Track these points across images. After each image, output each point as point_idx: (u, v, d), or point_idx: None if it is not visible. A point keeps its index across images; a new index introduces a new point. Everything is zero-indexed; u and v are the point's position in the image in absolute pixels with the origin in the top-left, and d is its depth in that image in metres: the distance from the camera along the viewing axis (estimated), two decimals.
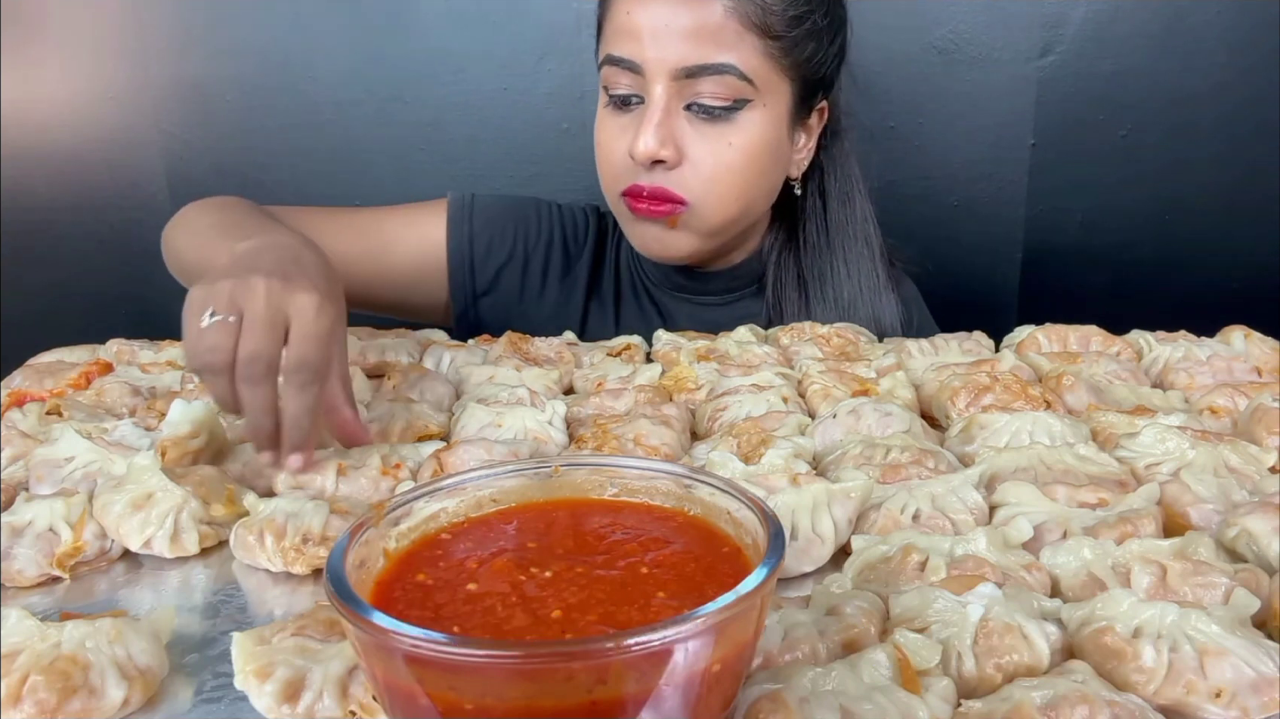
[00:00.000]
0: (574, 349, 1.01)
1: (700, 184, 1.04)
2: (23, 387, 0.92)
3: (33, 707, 0.47)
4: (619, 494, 0.51)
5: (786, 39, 1.02)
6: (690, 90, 1.01)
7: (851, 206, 1.17)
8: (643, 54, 1.01)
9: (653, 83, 1.01)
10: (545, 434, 0.78)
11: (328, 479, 0.71)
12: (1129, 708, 0.44)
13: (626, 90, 1.04)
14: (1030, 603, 0.52)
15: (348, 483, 0.71)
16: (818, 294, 1.16)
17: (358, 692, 0.48)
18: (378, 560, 0.45)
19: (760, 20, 1.00)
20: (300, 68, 1.60)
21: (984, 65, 1.54)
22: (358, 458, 0.73)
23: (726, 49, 1.00)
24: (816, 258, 1.17)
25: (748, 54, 1.00)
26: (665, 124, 1.01)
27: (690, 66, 0.99)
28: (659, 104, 1.01)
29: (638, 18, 1.01)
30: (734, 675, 0.41)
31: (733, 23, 0.99)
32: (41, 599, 0.61)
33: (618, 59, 1.03)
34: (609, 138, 1.07)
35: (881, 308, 1.17)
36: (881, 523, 0.63)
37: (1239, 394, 0.80)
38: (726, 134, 1.03)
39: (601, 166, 1.10)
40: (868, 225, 1.18)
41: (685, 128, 1.03)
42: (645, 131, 1.01)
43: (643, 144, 1.01)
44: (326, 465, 0.71)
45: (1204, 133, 1.56)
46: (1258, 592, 0.52)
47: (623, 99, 1.05)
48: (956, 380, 0.82)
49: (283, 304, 0.68)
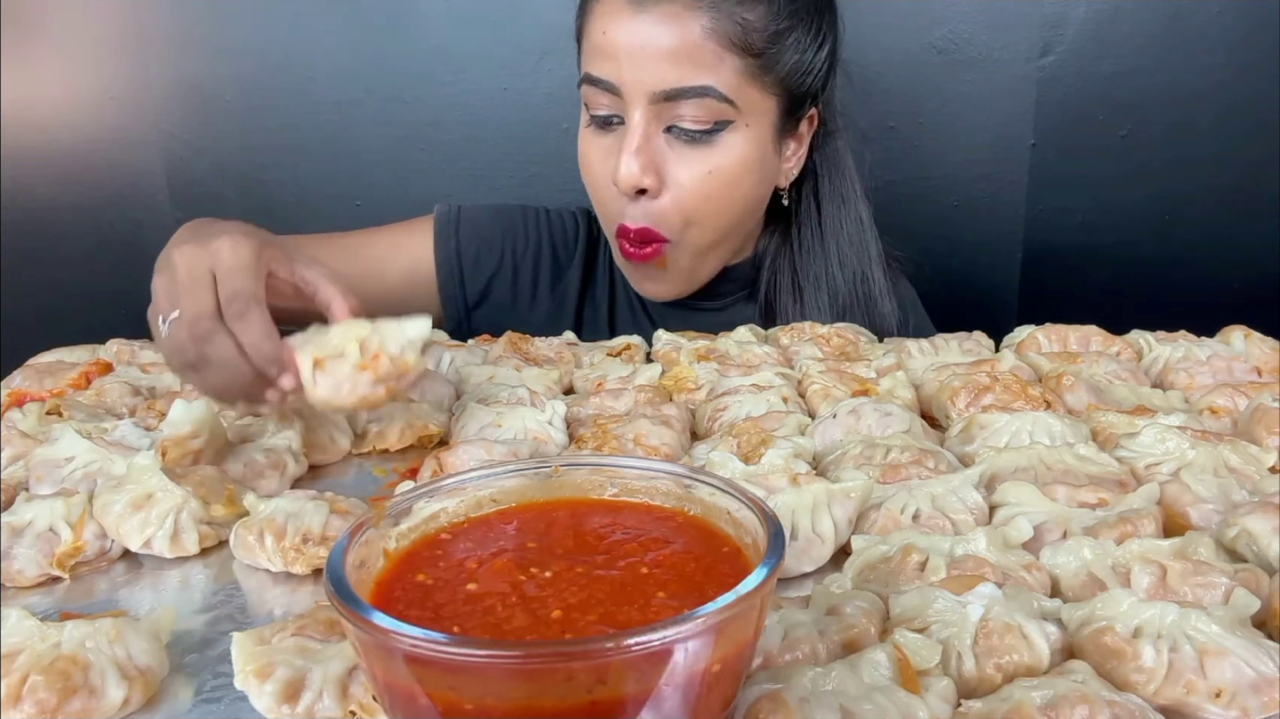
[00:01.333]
0: (574, 349, 1.01)
1: (681, 215, 1.02)
2: (23, 387, 0.92)
3: (33, 707, 0.47)
4: (619, 494, 0.51)
5: (768, 55, 1.00)
6: (670, 113, 0.99)
7: (846, 208, 1.15)
8: (620, 75, 0.99)
9: (631, 106, 0.99)
10: (545, 434, 0.78)
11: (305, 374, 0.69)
12: (1129, 708, 0.44)
13: (607, 111, 1.02)
14: (1030, 603, 0.52)
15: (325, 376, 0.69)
16: (812, 298, 1.15)
17: (358, 692, 0.48)
18: (378, 560, 0.45)
19: (740, 39, 0.98)
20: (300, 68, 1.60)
21: (984, 65, 1.54)
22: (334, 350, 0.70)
23: (706, 70, 0.97)
24: (811, 261, 1.15)
25: (728, 75, 0.98)
26: (645, 149, 1.00)
27: (669, 90, 0.97)
28: (638, 129, 0.99)
29: (614, 37, 0.98)
30: (734, 675, 0.41)
31: (711, 43, 0.97)
32: (41, 599, 0.61)
33: (596, 79, 1.01)
34: (593, 160, 1.06)
35: (877, 311, 1.15)
36: (881, 523, 0.63)
37: (1239, 394, 0.80)
38: (708, 157, 1.01)
39: (591, 192, 1.09)
40: (863, 226, 1.16)
41: (665, 151, 1.01)
42: (625, 158, 0.99)
43: (624, 170, 0.99)
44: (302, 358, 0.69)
45: (1204, 132, 1.56)
46: (1258, 592, 0.52)
47: (604, 119, 1.03)
48: (956, 380, 0.82)
49: (199, 261, 0.69)
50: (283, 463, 0.75)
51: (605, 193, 1.05)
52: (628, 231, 1.04)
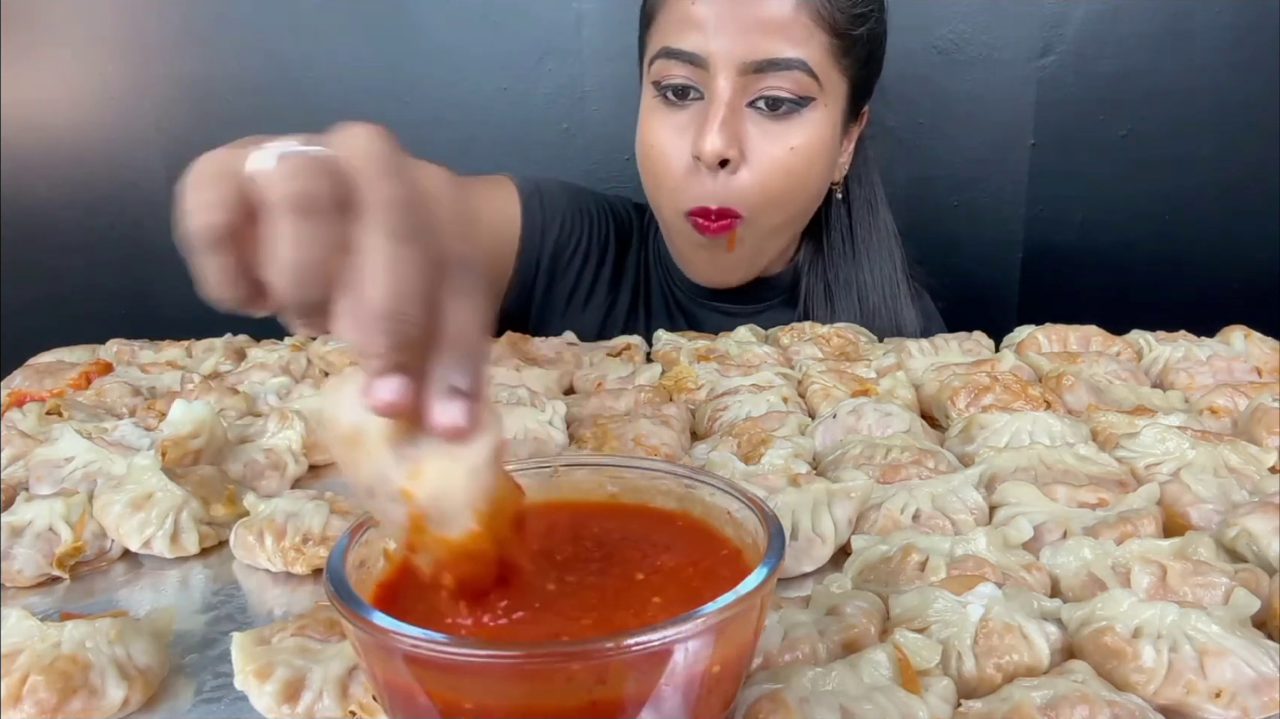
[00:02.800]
0: (574, 349, 1.01)
1: (762, 192, 1.01)
2: (23, 387, 0.92)
3: (33, 707, 0.47)
4: (619, 494, 0.51)
5: (848, 38, 1.00)
6: (756, 86, 0.97)
7: (875, 215, 1.15)
8: (707, 46, 0.97)
9: (717, 77, 0.97)
10: (545, 434, 0.78)
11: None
12: (1129, 708, 0.44)
13: (683, 81, 0.99)
14: (1030, 603, 0.52)
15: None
16: (844, 303, 1.14)
17: (358, 692, 0.48)
18: (378, 561, 0.45)
19: (829, 16, 0.97)
20: (300, 68, 1.60)
21: (984, 65, 1.54)
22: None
23: (796, 44, 0.97)
24: (843, 266, 1.14)
25: (816, 50, 0.98)
26: (731, 121, 0.97)
27: (759, 60, 0.96)
28: (724, 99, 0.97)
29: (703, 8, 0.97)
30: (734, 676, 0.41)
31: (803, 17, 0.96)
32: (41, 599, 0.61)
33: (677, 51, 0.98)
34: (664, 138, 1.02)
35: (903, 318, 1.15)
36: (881, 523, 0.63)
37: (1239, 394, 0.80)
38: (788, 133, 0.99)
39: (657, 174, 1.04)
40: (890, 235, 1.16)
41: (748, 126, 0.99)
42: (710, 129, 0.96)
43: (709, 144, 0.96)
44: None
45: (1203, 131, 1.56)
46: (1258, 592, 0.52)
47: (679, 89, 1.00)
48: (956, 380, 0.82)
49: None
50: (283, 463, 0.75)
51: (678, 174, 1.01)
52: (708, 211, 1.01)
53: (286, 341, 1.03)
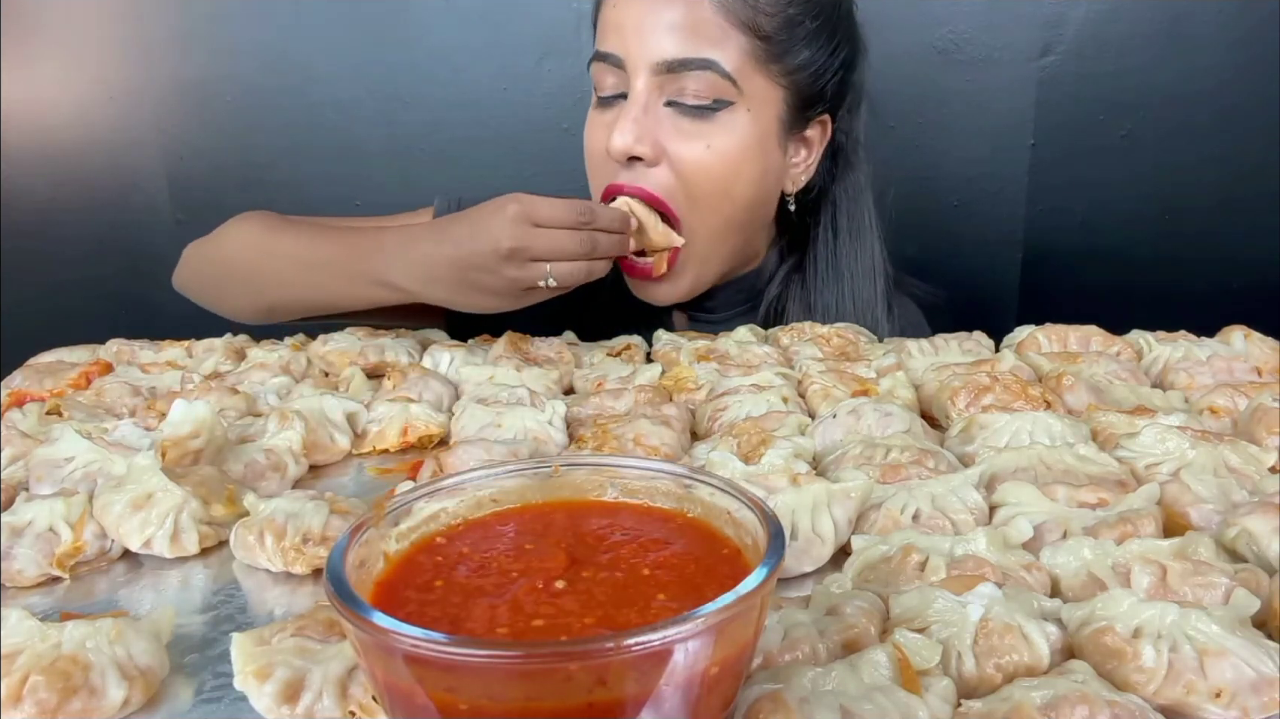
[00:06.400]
0: (574, 349, 1.01)
1: (683, 188, 1.01)
2: (23, 387, 0.92)
3: (33, 707, 0.47)
4: (619, 495, 0.51)
5: (777, 41, 1.00)
6: (672, 86, 0.99)
7: (862, 242, 1.15)
8: (625, 48, 1.00)
9: (634, 77, 1.00)
10: (545, 434, 0.78)
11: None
12: (1129, 708, 0.44)
13: (611, 91, 1.03)
14: (1030, 603, 0.52)
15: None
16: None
17: (357, 692, 0.48)
18: (377, 561, 0.45)
19: (749, 19, 0.98)
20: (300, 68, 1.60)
21: (984, 65, 1.54)
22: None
23: (710, 45, 0.98)
24: (824, 290, 1.15)
25: (732, 52, 0.99)
26: (643, 120, 0.99)
27: (671, 60, 0.98)
28: (638, 99, 1.00)
29: (623, 11, 1.00)
30: (734, 676, 0.41)
31: (719, 18, 0.98)
32: (41, 599, 0.61)
33: (603, 54, 1.02)
34: (594, 137, 1.06)
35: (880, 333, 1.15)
36: (881, 523, 0.63)
37: (1239, 394, 0.80)
38: (706, 134, 1.00)
39: (589, 172, 1.08)
40: (875, 261, 1.16)
41: (666, 125, 1.00)
42: (622, 125, 0.99)
43: (618, 138, 0.99)
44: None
45: (1203, 132, 1.56)
46: (1258, 592, 0.52)
47: (609, 99, 1.04)
48: (956, 380, 0.82)
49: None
50: (283, 463, 0.75)
51: (597, 162, 1.05)
52: (620, 189, 1.02)
53: (286, 341, 1.03)
